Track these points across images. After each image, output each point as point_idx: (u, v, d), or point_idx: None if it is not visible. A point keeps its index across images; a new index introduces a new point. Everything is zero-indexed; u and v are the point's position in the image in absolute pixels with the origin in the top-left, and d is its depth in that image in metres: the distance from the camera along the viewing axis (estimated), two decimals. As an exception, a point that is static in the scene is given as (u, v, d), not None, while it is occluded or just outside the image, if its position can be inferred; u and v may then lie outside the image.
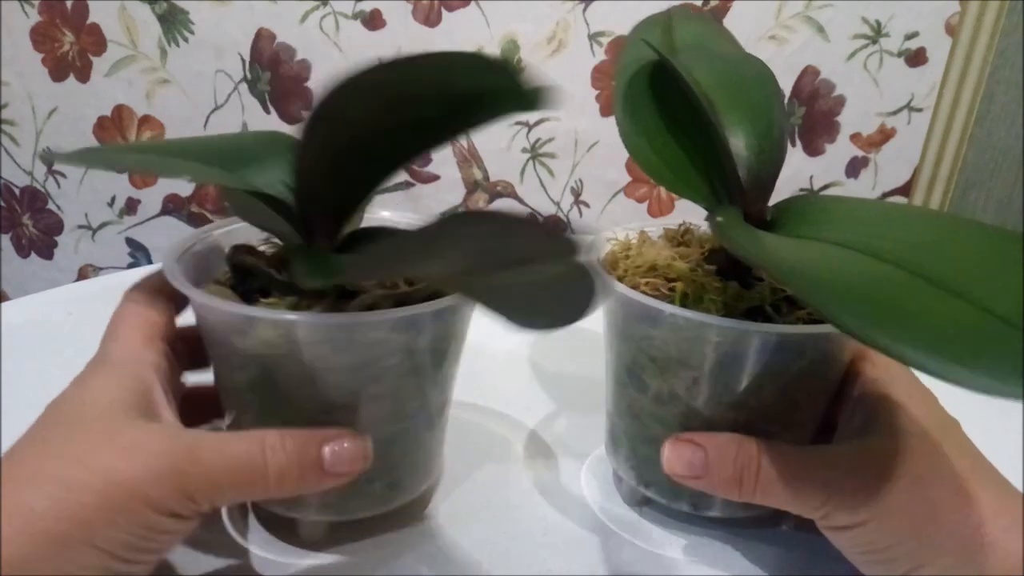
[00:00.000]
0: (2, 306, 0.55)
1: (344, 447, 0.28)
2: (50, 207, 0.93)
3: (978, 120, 0.88)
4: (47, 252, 0.95)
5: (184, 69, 0.84)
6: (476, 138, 0.86)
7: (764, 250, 0.28)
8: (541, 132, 0.88)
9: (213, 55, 0.84)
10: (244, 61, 0.84)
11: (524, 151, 0.89)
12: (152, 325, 0.31)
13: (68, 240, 0.94)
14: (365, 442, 0.29)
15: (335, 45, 0.82)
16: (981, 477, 0.28)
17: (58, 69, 0.85)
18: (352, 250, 0.31)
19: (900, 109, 0.87)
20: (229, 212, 0.35)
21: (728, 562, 0.35)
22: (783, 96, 0.82)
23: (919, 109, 0.87)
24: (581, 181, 0.90)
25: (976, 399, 0.20)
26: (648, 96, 0.35)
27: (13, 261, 0.95)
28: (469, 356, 0.34)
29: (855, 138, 0.89)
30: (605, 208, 0.93)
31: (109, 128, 0.87)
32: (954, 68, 0.85)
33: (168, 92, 0.86)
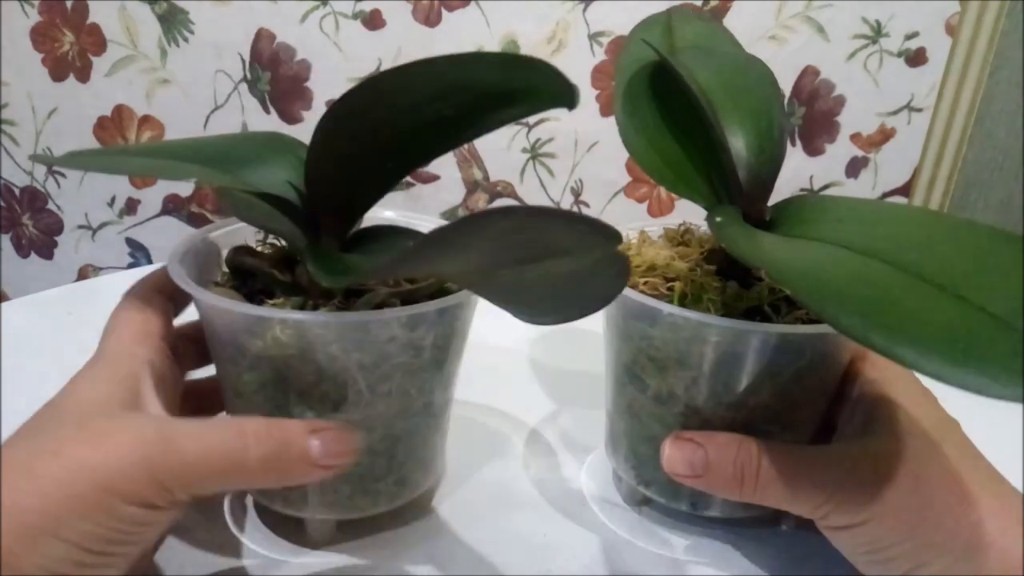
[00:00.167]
0: (2, 306, 0.55)
1: (333, 438, 0.28)
2: (50, 207, 0.93)
3: (978, 120, 0.88)
4: (47, 252, 0.95)
5: (184, 69, 0.84)
6: (476, 137, 0.86)
7: (762, 250, 0.28)
8: (541, 132, 0.88)
9: (213, 55, 0.84)
10: (244, 61, 0.84)
11: (524, 151, 0.89)
12: (147, 322, 0.31)
13: (68, 240, 0.94)
14: (354, 435, 0.28)
15: (335, 45, 0.82)
16: (980, 477, 0.28)
17: (58, 69, 0.85)
18: (358, 249, 0.32)
19: (900, 109, 0.87)
20: (228, 213, 0.34)
21: (728, 562, 0.35)
22: (783, 96, 0.82)
23: (919, 109, 0.87)
24: (581, 181, 0.90)
25: (976, 399, 0.20)
26: (648, 96, 0.35)
27: (13, 261, 0.95)
28: (470, 354, 0.34)
29: (855, 138, 0.89)
30: (605, 208, 0.93)
31: (109, 128, 0.87)
32: (954, 68, 0.85)
33: (168, 92, 0.86)
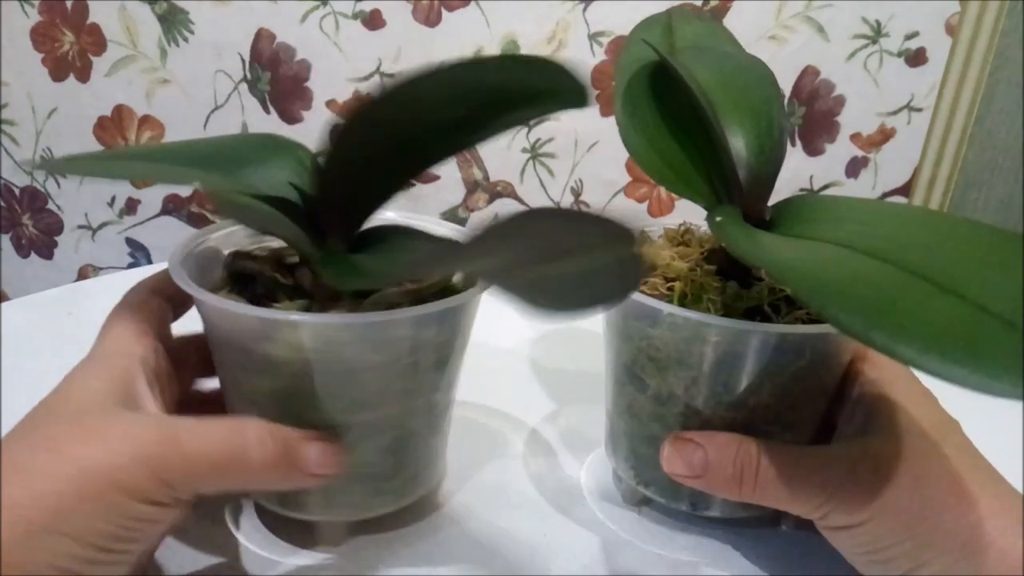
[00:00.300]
0: (2, 306, 0.55)
1: (325, 450, 0.29)
2: (50, 207, 0.93)
3: (978, 120, 0.88)
4: (47, 252, 0.95)
5: (184, 69, 0.84)
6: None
7: (762, 249, 0.28)
8: (541, 132, 0.88)
9: (213, 55, 0.84)
10: (244, 61, 0.84)
11: (524, 151, 0.89)
12: (142, 323, 0.31)
13: (68, 240, 0.94)
14: (342, 448, 0.29)
15: (335, 45, 0.82)
16: (980, 477, 0.28)
17: (58, 69, 0.85)
18: (365, 250, 0.32)
19: (900, 109, 0.87)
20: (227, 217, 0.34)
21: (727, 562, 0.35)
22: (783, 96, 0.82)
23: (919, 109, 0.87)
24: (581, 181, 0.90)
25: (976, 399, 0.20)
26: (648, 96, 0.35)
27: (13, 261, 0.95)
28: (471, 355, 0.35)
29: (855, 138, 0.89)
30: (605, 208, 0.93)
31: (109, 128, 0.87)
32: (954, 68, 0.85)
33: (168, 92, 0.86)
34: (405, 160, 0.30)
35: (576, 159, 0.89)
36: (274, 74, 0.84)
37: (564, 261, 0.21)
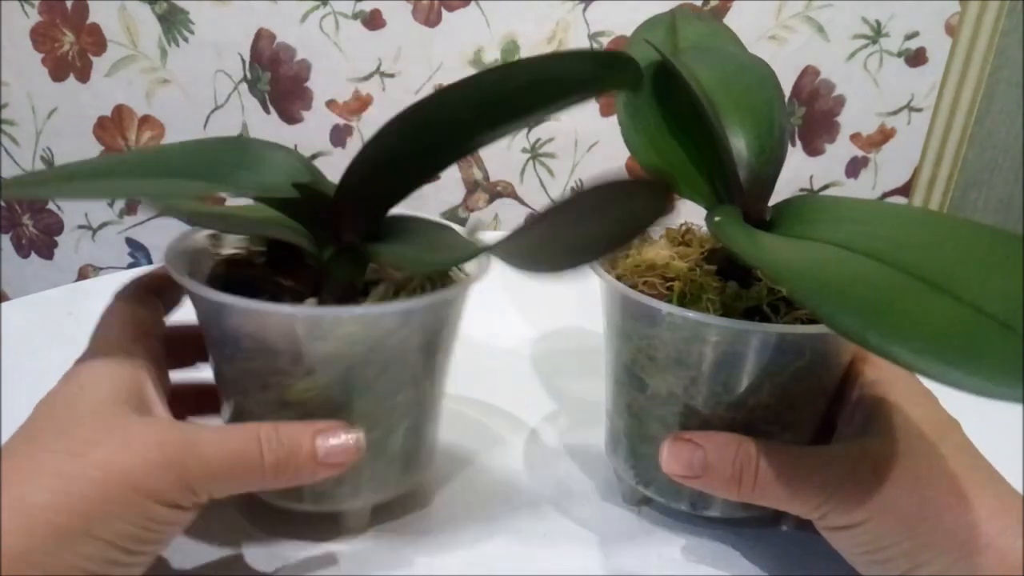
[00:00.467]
0: (2, 306, 0.55)
1: (338, 439, 0.29)
2: (50, 207, 0.93)
3: (978, 120, 0.88)
4: (47, 252, 0.95)
5: (184, 69, 0.85)
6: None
7: (760, 249, 0.28)
8: (541, 132, 0.88)
9: (213, 55, 0.84)
10: (244, 61, 0.84)
11: (524, 151, 0.89)
12: (141, 323, 0.31)
13: (68, 240, 0.94)
14: (359, 433, 0.30)
15: (335, 45, 0.82)
16: (980, 478, 0.28)
17: (58, 69, 0.85)
18: (383, 241, 0.32)
19: (900, 109, 0.87)
20: (221, 229, 0.34)
21: (727, 562, 0.35)
22: (784, 97, 0.82)
23: (919, 109, 0.87)
24: (581, 181, 0.90)
25: (976, 399, 0.20)
26: (650, 96, 0.35)
27: (13, 261, 0.95)
28: (471, 354, 0.35)
29: (855, 138, 0.89)
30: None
31: (109, 128, 0.88)
32: (954, 68, 0.85)
33: (168, 92, 0.86)
34: (444, 150, 0.31)
35: (576, 159, 0.89)
36: (274, 74, 0.84)
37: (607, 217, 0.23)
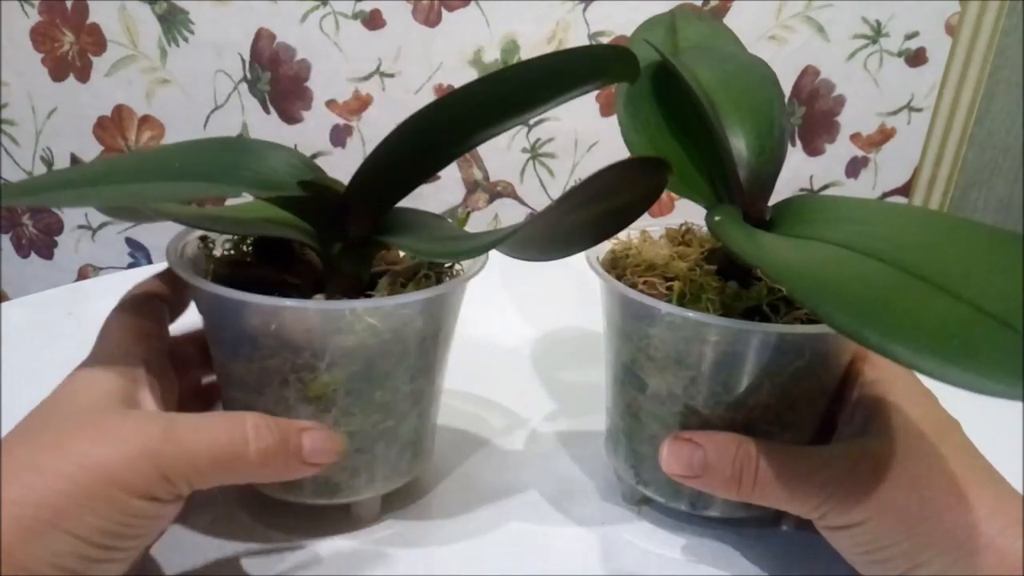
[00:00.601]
0: (2, 306, 0.55)
1: (321, 439, 0.29)
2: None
3: (978, 120, 0.88)
4: (47, 252, 0.95)
5: (184, 69, 0.85)
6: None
7: (759, 248, 0.28)
8: (541, 132, 0.88)
9: (213, 55, 0.84)
10: (244, 61, 0.84)
11: (524, 151, 0.89)
12: (142, 325, 0.31)
13: (68, 240, 0.94)
14: (340, 436, 0.30)
15: (335, 45, 0.82)
16: (979, 478, 0.28)
17: (58, 69, 0.85)
18: (389, 234, 0.32)
19: (900, 109, 0.87)
20: (220, 229, 0.34)
21: (727, 562, 0.35)
22: (784, 97, 0.82)
23: (919, 109, 0.87)
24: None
25: (976, 399, 0.20)
26: (650, 96, 0.35)
27: (13, 261, 0.95)
28: (472, 353, 0.35)
29: (855, 138, 0.89)
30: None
31: (109, 128, 0.88)
32: (954, 68, 0.85)
33: (168, 92, 0.86)
34: (454, 142, 0.32)
35: (576, 159, 0.89)
36: (274, 74, 0.84)
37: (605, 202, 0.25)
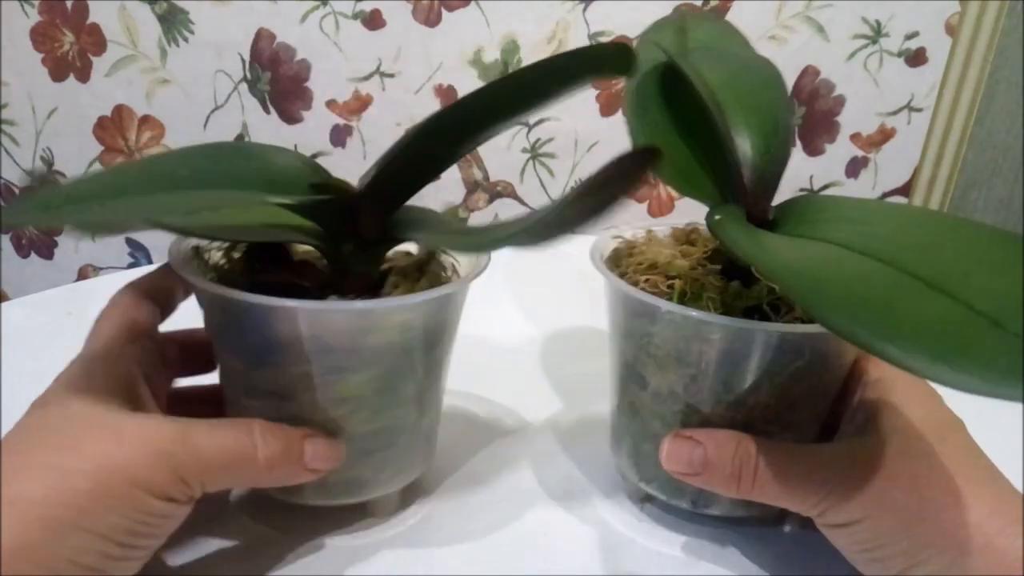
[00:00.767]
0: (2, 306, 0.55)
1: (322, 446, 0.30)
2: (50, 207, 0.93)
3: (978, 120, 0.88)
4: (47, 252, 0.95)
5: (184, 69, 0.85)
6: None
7: (756, 246, 0.28)
8: (541, 132, 0.88)
9: (213, 55, 0.84)
10: (244, 61, 0.84)
11: (524, 151, 0.89)
12: (135, 324, 0.31)
13: (68, 240, 0.94)
14: (340, 443, 0.31)
15: (335, 45, 0.82)
16: (980, 477, 0.28)
17: (58, 69, 0.85)
18: (398, 231, 0.33)
19: (900, 109, 0.87)
20: (229, 237, 0.34)
21: (729, 561, 0.35)
22: (790, 98, 0.82)
23: (919, 109, 0.87)
24: (581, 181, 0.90)
25: (978, 399, 0.20)
26: (658, 97, 0.35)
27: (13, 261, 0.95)
28: (475, 352, 0.35)
29: (855, 138, 0.89)
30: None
31: (109, 128, 0.88)
32: (954, 68, 0.85)
33: (168, 92, 0.86)
34: (463, 140, 0.32)
35: (576, 159, 0.89)
36: (274, 74, 0.84)
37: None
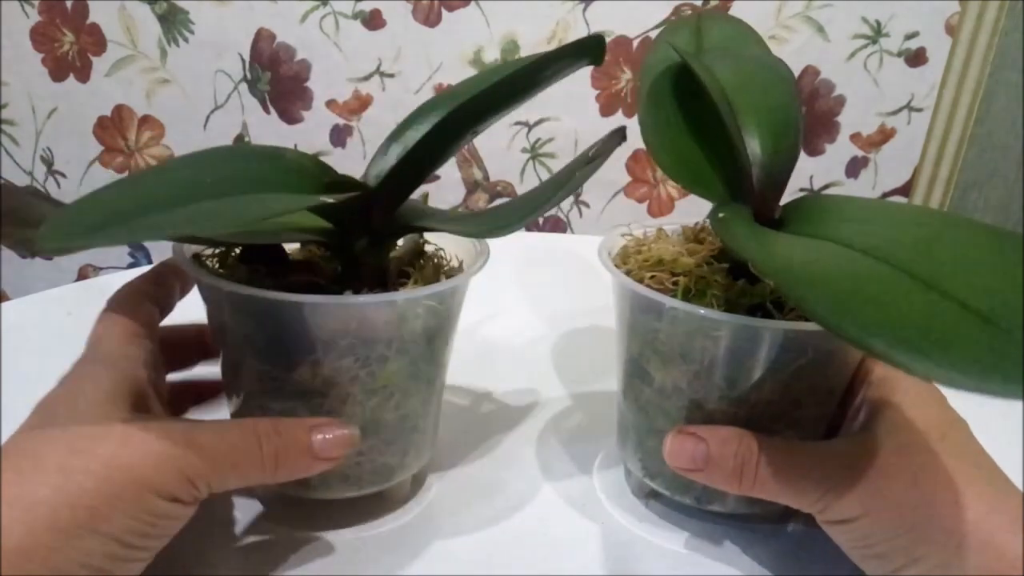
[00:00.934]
0: (2, 306, 0.55)
1: (333, 434, 0.30)
2: (50, 207, 0.93)
3: (978, 120, 0.88)
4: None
5: (184, 69, 0.85)
6: (476, 138, 0.87)
7: (754, 243, 0.28)
8: (541, 132, 0.88)
9: (213, 55, 0.84)
10: (244, 61, 0.84)
11: (524, 151, 0.89)
12: (136, 326, 0.31)
13: (68, 240, 0.94)
14: (353, 429, 0.31)
15: (335, 45, 0.82)
16: (980, 475, 0.28)
17: (58, 69, 0.85)
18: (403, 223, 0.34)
19: (900, 109, 0.87)
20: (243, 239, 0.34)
21: (733, 558, 0.35)
22: (801, 99, 0.82)
23: (919, 109, 0.87)
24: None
25: (979, 399, 0.20)
26: (671, 96, 0.35)
27: (13, 261, 0.95)
28: (486, 348, 0.35)
29: (855, 138, 0.89)
30: (605, 208, 0.93)
31: (109, 128, 0.88)
32: (954, 68, 0.85)
33: (168, 92, 0.86)
34: (462, 133, 0.33)
35: (576, 159, 0.89)
36: (274, 74, 0.84)
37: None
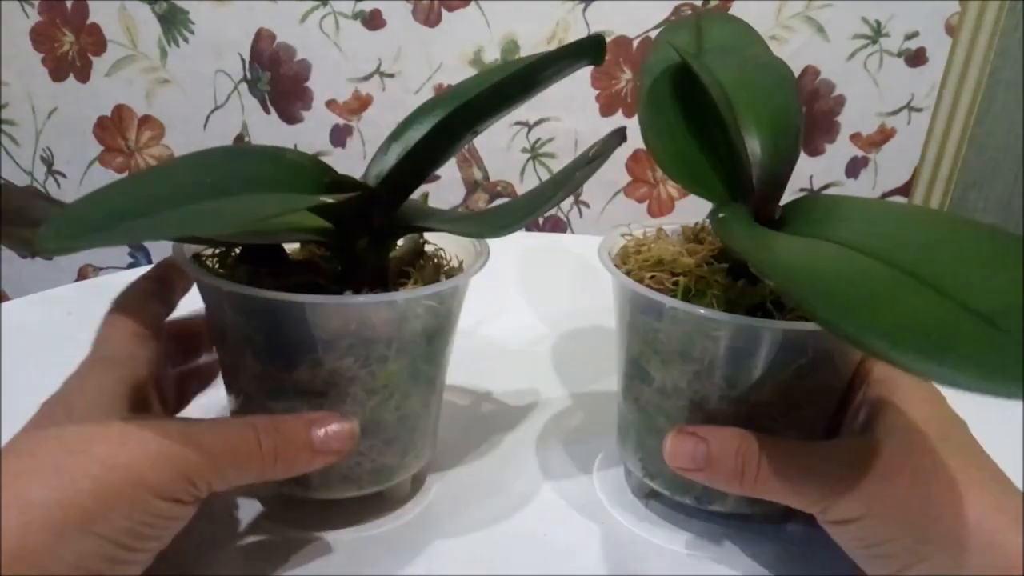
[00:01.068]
0: (2, 306, 0.55)
1: (333, 428, 0.30)
2: (50, 207, 0.93)
3: (978, 120, 0.88)
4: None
5: (184, 69, 0.85)
6: (476, 138, 0.87)
7: (753, 243, 0.28)
8: (541, 132, 0.88)
9: (213, 55, 0.84)
10: (244, 61, 0.84)
11: (524, 151, 0.89)
12: (142, 326, 0.31)
13: (68, 240, 0.94)
14: (353, 423, 0.30)
15: (335, 45, 0.82)
16: (981, 476, 0.28)
17: (58, 69, 0.85)
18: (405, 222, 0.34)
19: (900, 109, 0.87)
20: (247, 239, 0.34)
21: (733, 558, 0.35)
22: (801, 99, 0.82)
23: (919, 109, 0.87)
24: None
25: (979, 399, 0.20)
26: (671, 96, 0.35)
27: (13, 261, 0.95)
28: (486, 348, 0.35)
29: (855, 138, 0.89)
30: (605, 208, 0.93)
31: (109, 128, 0.88)
32: (954, 68, 0.85)
33: (168, 92, 0.86)
34: (464, 132, 0.34)
35: (576, 159, 0.89)
36: (274, 74, 0.84)
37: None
